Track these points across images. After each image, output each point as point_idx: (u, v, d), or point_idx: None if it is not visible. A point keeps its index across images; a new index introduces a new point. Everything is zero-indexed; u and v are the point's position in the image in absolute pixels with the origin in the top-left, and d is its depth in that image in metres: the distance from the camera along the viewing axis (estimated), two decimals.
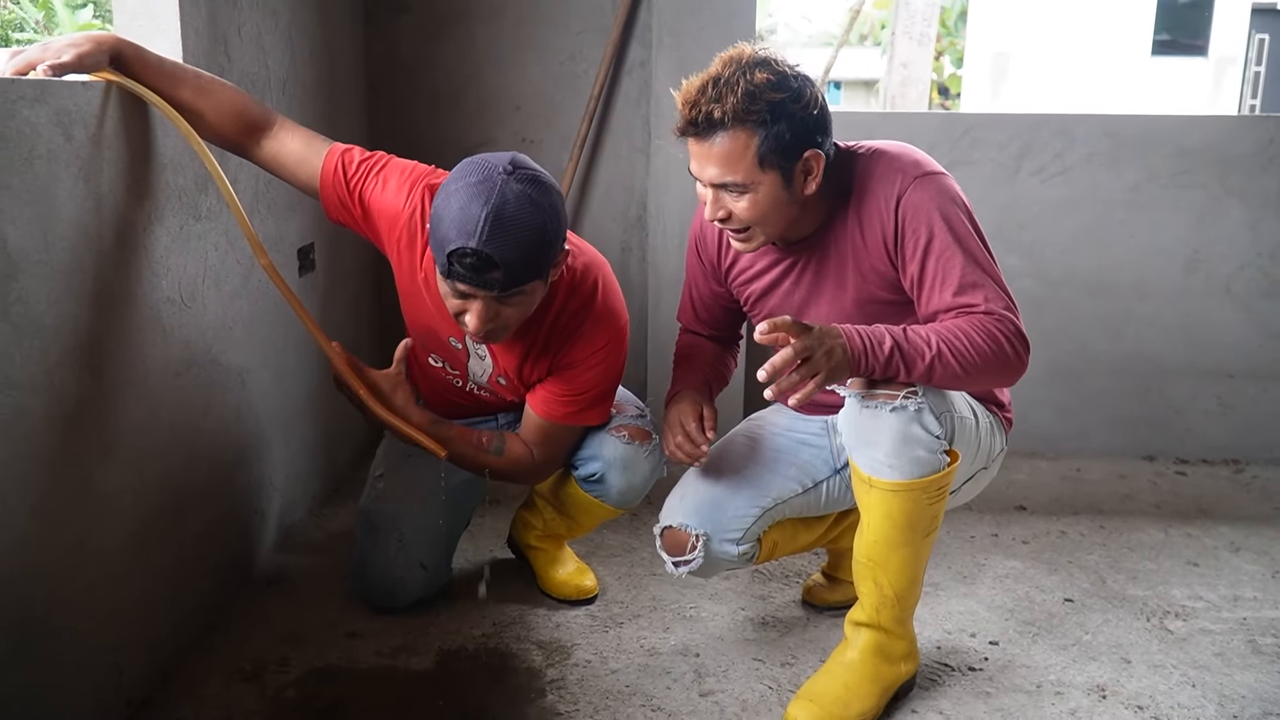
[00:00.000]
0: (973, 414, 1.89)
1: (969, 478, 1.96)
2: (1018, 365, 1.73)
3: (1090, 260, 3.21)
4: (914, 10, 10.16)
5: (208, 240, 2.07)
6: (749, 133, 1.69)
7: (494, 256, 1.68)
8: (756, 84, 1.67)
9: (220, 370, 2.17)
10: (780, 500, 1.95)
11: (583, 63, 3.16)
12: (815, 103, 1.73)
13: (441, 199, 1.74)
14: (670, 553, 1.96)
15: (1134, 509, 2.90)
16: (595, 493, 2.16)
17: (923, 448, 1.73)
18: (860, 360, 1.66)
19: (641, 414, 2.17)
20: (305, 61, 2.61)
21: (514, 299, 1.78)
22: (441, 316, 1.98)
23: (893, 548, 1.81)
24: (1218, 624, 2.24)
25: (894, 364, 1.68)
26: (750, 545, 1.95)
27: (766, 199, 1.74)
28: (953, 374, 1.69)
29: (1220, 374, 3.25)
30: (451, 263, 1.71)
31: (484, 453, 2.05)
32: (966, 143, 3.13)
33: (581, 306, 1.98)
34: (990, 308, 1.72)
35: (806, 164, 1.74)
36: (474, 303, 1.77)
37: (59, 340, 1.59)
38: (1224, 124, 3.18)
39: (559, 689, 1.97)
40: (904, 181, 1.77)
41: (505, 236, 1.69)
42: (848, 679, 1.88)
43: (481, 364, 2.09)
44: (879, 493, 1.76)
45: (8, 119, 1.46)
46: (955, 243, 1.74)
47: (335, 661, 2.04)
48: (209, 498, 2.13)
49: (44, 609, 1.57)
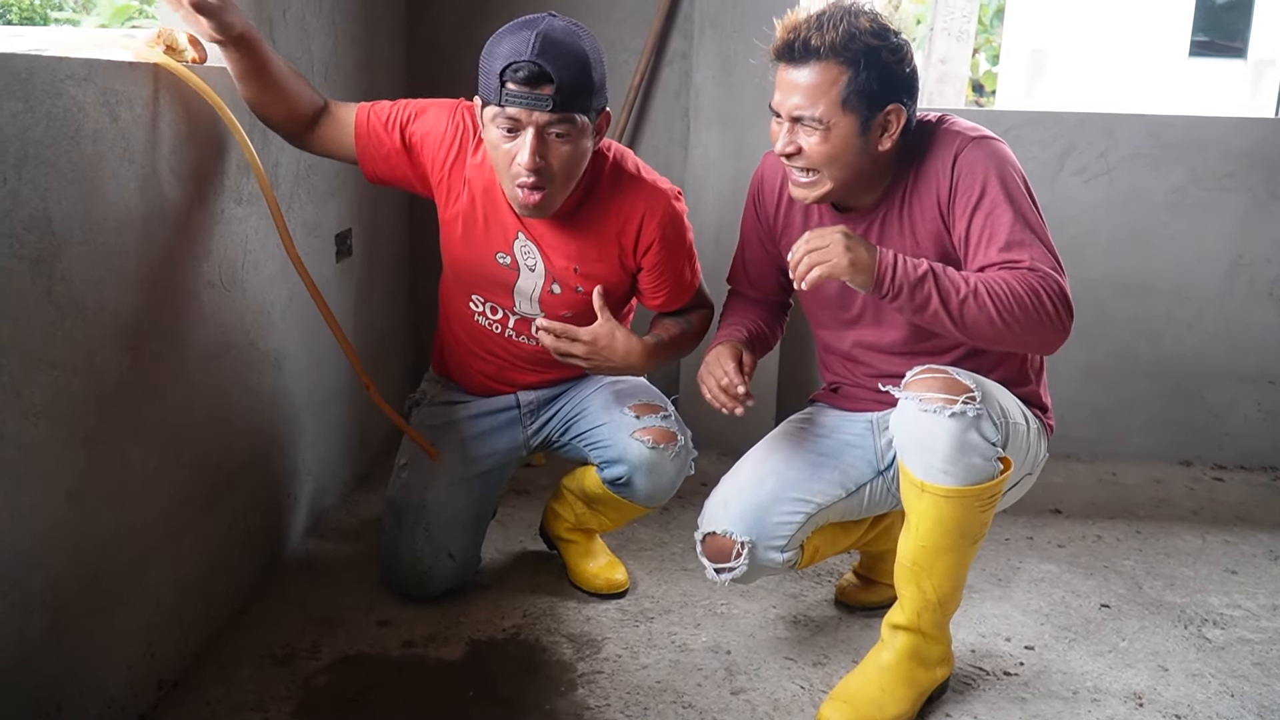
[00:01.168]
0: (1024, 420, 1.86)
1: (1015, 483, 1.93)
2: (1058, 326, 1.70)
3: (1131, 262, 3.17)
4: (953, 6, 10.03)
5: (248, 224, 2.07)
6: (840, 69, 1.72)
7: (547, 68, 1.75)
8: (860, 26, 1.71)
9: (257, 354, 2.17)
10: (823, 505, 1.92)
11: (623, 53, 3.15)
12: (909, 62, 1.77)
13: (491, 40, 1.83)
14: (712, 559, 1.93)
15: (1171, 514, 2.86)
16: (622, 494, 2.15)
17: (979, 455, 1.70)
18: (886, 272, 1.66)
19: (667, 414, 2.14)
20: (347, 45, 2.60)
21: (563, 133, 1.81)
22: (491, 231, 2.02)
23: (940, 553, 1.78)
24: (1257, 633, 2.20)
25: (925, 288, 1.66)
26: (794, 552, 1.92)
27: (839, 141, 1.75)
28: (988, 318, 1.67)
29: (1261, 379, 3.21)
30: (504, 82, 1.77)
31: (686, 341, 2.15)
32: (1008, 140, 3.05)
33: (628, 184, 2.02)
34: (1036, 265, 1.70)
35: (886, 118, 1.76)
36: (525, 134, 1.80)
37: (100, 322, 1.59)
38: (1271, 127, 3.14)
39: (589, 683, 1.96)
40: (961, 142, 1.80)
41: (556, 52, 1.77)
42: (882, 681, 1.86)
43: (532, 276, 2.06)
44: (931, 498, 1.74)
45: (55, 97, 1.45)
46: (1007, 201, 1.74)
47: (365, 649, 2.04)
48: (243, 481, 2.14)
49: (79, 588, 1.58)
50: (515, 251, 2.05)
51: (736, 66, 3.00)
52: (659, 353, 2.07)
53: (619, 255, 2.05)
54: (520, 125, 1.81)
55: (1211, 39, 16.12)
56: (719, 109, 3.06)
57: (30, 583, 1.46)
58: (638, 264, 2.07)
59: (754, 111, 3.02)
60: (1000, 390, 1.82)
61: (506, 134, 1.82)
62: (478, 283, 2.12)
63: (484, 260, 2.07)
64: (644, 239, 2.03)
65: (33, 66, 1.41)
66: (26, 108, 1.39)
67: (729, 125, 3.06)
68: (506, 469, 2.29)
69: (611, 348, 2.00)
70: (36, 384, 1.44)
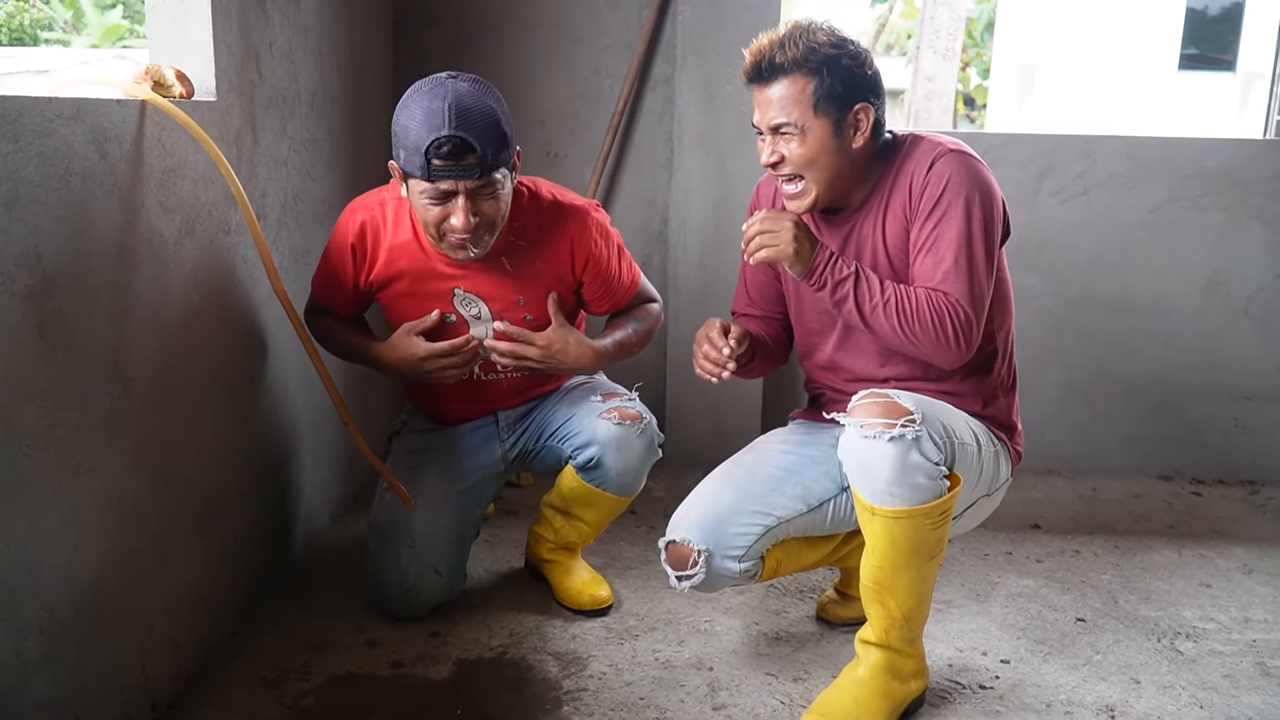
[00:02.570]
0: (975, 441, 1.91)
1: (970, 504, 1.98)
2: (950, 350, 1.85)
3: (1109, 280, 3.22)
4: (939, 25, 10.14)
5: (236, 254, 2.12)
6: (805, 78, 1.86)
7: (468, 139, 1.87)
8: (817, 40, 1.86)
9: (246, 381, 2.22)
10: (783, 519, 1.97)
11: (607, 78, 3.20)
12: (869, 65, 1.91)
13: (401, 114, 1.94)
14: (674, 567, 1.98)
15: (1148, 529, 2.91)
16: (595, 480, 2.22)
17: (922, 474, 1.75)
18: (819, 265, 1.86)
19: (631, 398, 2.27)
20: (334, 76, 2.66)
21: (488, 189, 1.95)
22: (428, 298, 2.15)
23: (898, 571, 1.83)
24: (1228, 646, 2.25)
25: (845, 289, 1.85)
26: (753, 563, 1.97)
27: (816, 143, 1.88)
28: (891, 327, 1.85)
29: (1238, 395, 3.26)
30: (429, 158, 1.88)
31: (635, 338, 2.28)
32: (988, 161, 3.11)
33: (548, 209, 2.16)
34: (956, 300, 1.84)
35: (856, 117, 1.89)
36: (456, 201, 1.94)
37: (91, 353, 1.63)
38: (1245, 147, 3.19)
39: (575, 700, 2.00)
40: (941, 150, 1.91)
41: (471, 120, 1.89)
42: (859, 695, 1.90)
43: (480, 323, 2.18)
44: (881, 520, 1.79)
45: (45, 137, 1.50)
46: (962, 217, 1.85)
47: (355, 670, 2.08)
48: (234, 506, 2.18)
49: (73, 614, 1.61)
50: (457, 307, 2.17)
51: (718, 91, 3.06)
52: (608, 353, 2.22)
53: (558, 277, 2.19)
54: (450, 194, 1.94)
55: (1201, 52, 16.22)
56: (701, 133, 3.12)
57: (26, 609, 1.49)
58: (579, 278, 2.21)
59: (736, 135, 3.08)
60: (947, 410, 1.88)
61: (435, 202, 1.95)
62: None
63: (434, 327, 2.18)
64: (578, 257, 2.18)
65: (22, 107, 1.45)
66: (17, 148, 1.43)
67: (711, 149, 3.12)
68: (487, 484, 2.35)
69: (564, 351, 2.16)
70: (29, 416, 1.48)
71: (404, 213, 2.14)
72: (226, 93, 2.06)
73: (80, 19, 14.35)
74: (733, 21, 3.03)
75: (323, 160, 2.60)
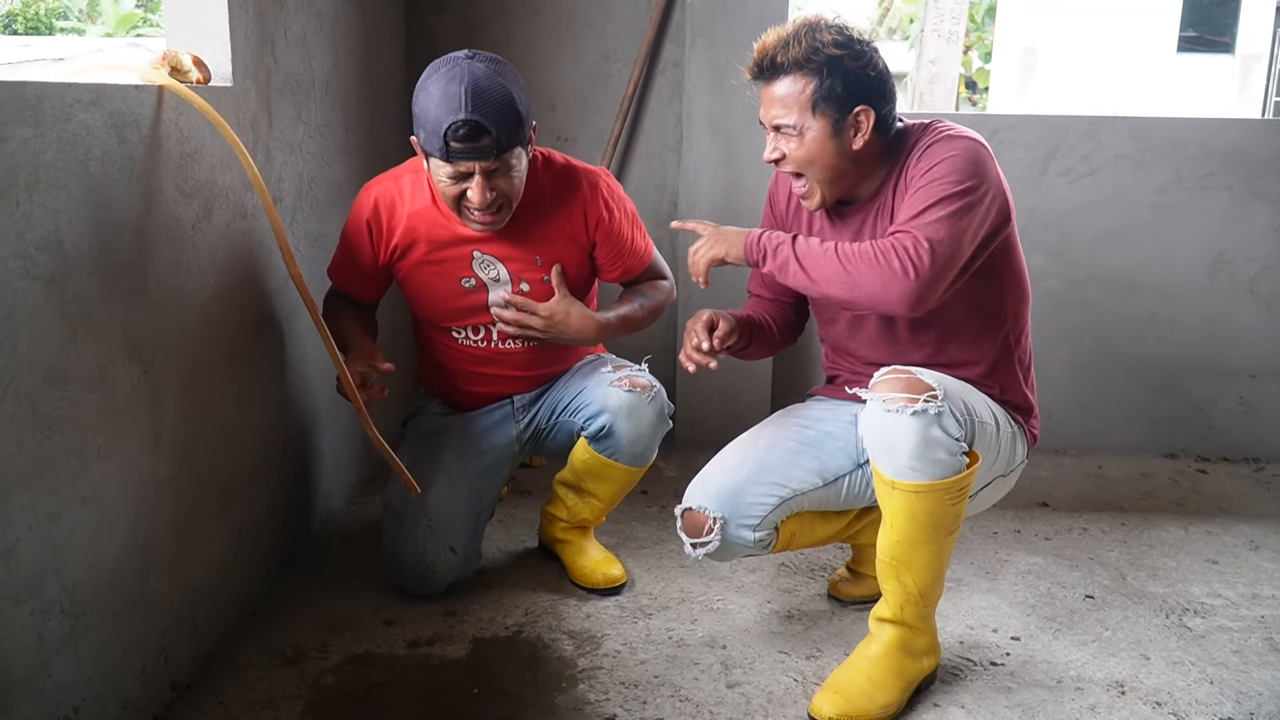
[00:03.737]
0: (994, 419, 1.93)
1: (986, 484, 2.00)
2: (899, 279, 1.78)
3: (1115, 260, 3.24)
4: (943, 8, 10.12)
5: (252, 238, 2.13)
6: (806, 79, 1.87)
7: (483, 122, 1.92)
8: (821, 40, 1.86)
9: (265, 362, 2.24)
10: (799, 491, 1.99)
11: (617, 62, 3.21)
12: (874, 66, 1.90)
13: (420, 95, 1.99)
14: (689, 534, 2.01)
15: (1155, 506, 2.93)
16: (607, 450, 2.25)
17: (944, 450, 1.77)
18: (750, 243, 1.92)
19: (641, 369, 2.31)
20: (347, 61, 2.67)
21: (504, 168, 2.01)
22: (448, 263, 2.20)
23: (915, 547, 1.85)
24: (1236, 621, 2.27)
25: (783, 253, 1.88)
26: (767, 533, 1.99)
27: (814, 144, 1.89)
28: (833, 269, 1.83)
29: (1242, 374, 3.27)
30: (448, 140, 1.94)
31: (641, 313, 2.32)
32: (995, 144, 3.12)
33: (561, 173, 2.23)
34: (911, 235, 1.80)
35: (856, 118, 1.89)
36: (472, 179, 2.00)
37: (111, 336, 1.65)
38: (1250, 127, 3.20)
39: (589, 678, 2.02)
40: (943, 135, 1.91)
41: (487, 102, 1.93)
42: (871, 672, 1.92)
43: (499, 285, 2.22)
44: (901, 494, 1.81)
45: (65, 122, 1.51)
46: (948, 183, 1.83)
47: (372, 648, 2.11)
48: (252, 487, 2.20)
49: (95, 595, 1.64)
50: (476, 270, 2.21)
51: (727, 75, 3.07)
52: (611, 325, 2.26)
53: (572, 236, 2.23)
54: (467, 174, 2.00)
55: (1200, 34, 16.19)
56: (710, 116, 3.12)
57: (48, 590, 1.51)
58: (591, 239, 2.25)
59: (744, 119, 3.08)
60: (967, 389, 1.91)
61: (454, 180, 2.01)
62: (453, 315, 2.27)
63: (452, 292, 2.23)
64: (591, 215, 2.23)
65: (42, 93, 1.47)
66: (37, 133, 1.45)
67: (720, 132, 3.13)
68: (502, 465, 2.37)
69: (566, 321, 2.20)
70: (51, 398, 1.50)
71: (422, 183, 2.18)
72: (243, 78, 2.07)
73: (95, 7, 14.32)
74: (741, 5, 3.04)
75: (337, 145, 2.62)
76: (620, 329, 2.28)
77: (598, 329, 2.23)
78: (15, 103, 1.41)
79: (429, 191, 2.17)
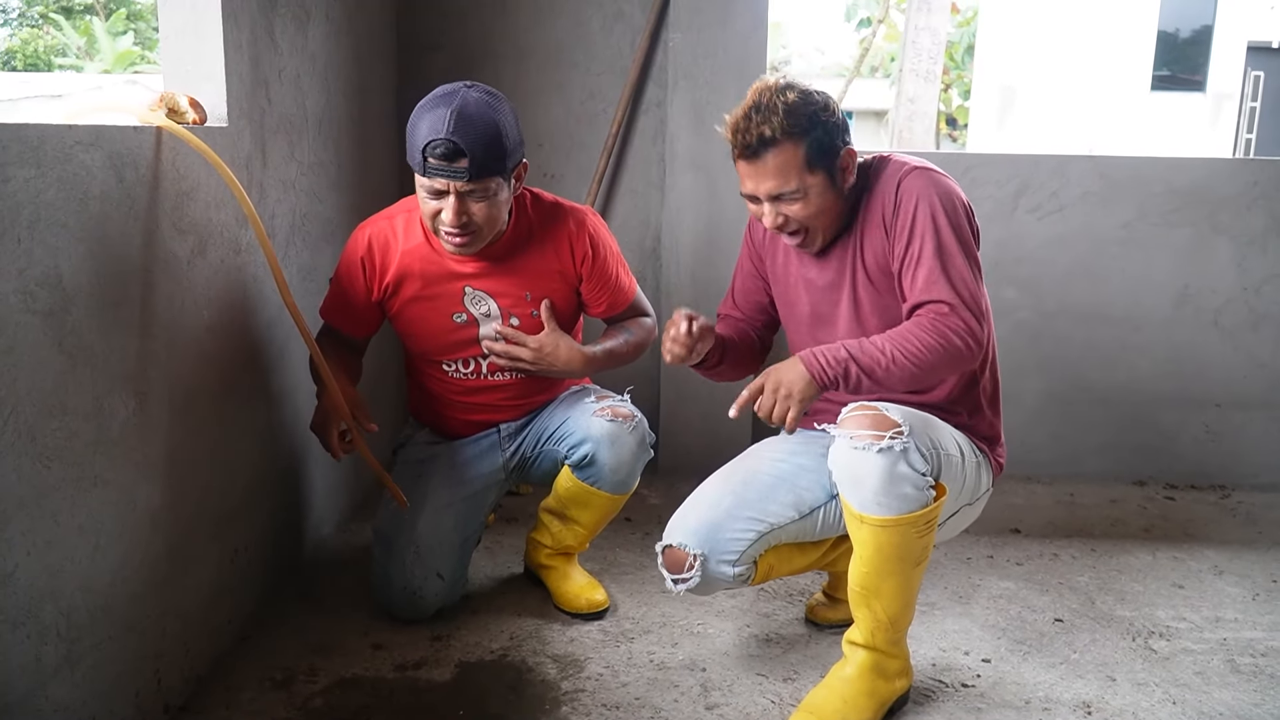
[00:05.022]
0: (959, 450, 2.00)
1: (953, 513, 2.06)
2: (966, 354, 1.89)
3: (1084, 293, 3.33)
4: (921, 49, 10.35)
5: (246, 272, 2.20)
6: (795, 143, 1.92)
7: (461, 145, 2.00)
8: (791, 102, 1.91)
9: (257, 393, 2.30)
10: (776, 525, 2.05)
11: (602, 102, 3.31)
12: (836, 110, 1.98)
13: (414, 115, 2.07)
14: (670, 570, 2.05)
15: (1124, 532, 3.00)
16: (589, 478, 2.31)
17: (910, 484, 1.83)
18: (820, 375, 1.87)
19: (624, 399, 2.38)
20: (340, 101, 2.75)
21: (479, 194, 2.07)
22: (440, 298, 2.27)
23: (884, 577, 1.91)
24: (1199, 644, 2.34)
25: (853, 373, 1.87)
26: (746, 568, 2.04)
27: (818, 198, 1.96)
28: (909, 374, 1.87)
29: (1208, 403, 3.37)
30: (426, 157, 2.03)
31: (626, 348, 2.39)
32: (967, 181, 3.25)
33: (549, 211, 2.31)
34: (947, 305, 1.89)
35: (844, 160, 1.97)
36: (447, 199, 2.06)
37: (108, 369, 1.70)
38: (1212, 166, 3.31)
39: (572, 701, 2.07)
40: (906, 169, 1.99)
41: (469, 128, 2.01)
42: (846, 694, 1.98)
43: (490, 320, 2.30)
44: (869, 528, 1.87)
45: (65, 162, 1.56)
46: (933, 230, 1.92)
47: (361, 672, 2.15)
48: (244, 513, 2.25)
49: (90, 620, 1.68)
50: (467, 306, 2.28)
51: (708, 115, 3.17)
52: (598, 359, 2.33)
53: (560, 272, 2.30)
54: (442, 192, 2.07)
55: (1173, 73, 16.49)
56: (693, 154, 3.22)
57: (44, 615, 1.55)
58: (578, 274, 2.32)
59: (725, 158, 3.14)
60: (933, 421, 1.97)
61: (431, 196, 2.08)
62: (445, 350, 2.34)
63: (444, 327, 2.30)
64: (578, 250, 2.31)
65: (43, 135, 1.52)
66: (38, 173, 1.50)
67: (702, 170, 3.22)
68: (488, 492, 2.43)
69: (555, 354, 2.28)
70: (49, 429, 1.54)
71: (414, 222, 2.25)
72: (237, 118, 2.14)
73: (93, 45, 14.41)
74: (722, 48, 3.14)
75: (329, 182, 2.69)
76: (606, 362, 2.35)
77: (585, 362, 2.30)
78: (18, 144, 1.46)
79: (421, 230, 2.24)
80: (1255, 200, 3.24)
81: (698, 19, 3.15)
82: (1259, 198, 3.23)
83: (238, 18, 2.13)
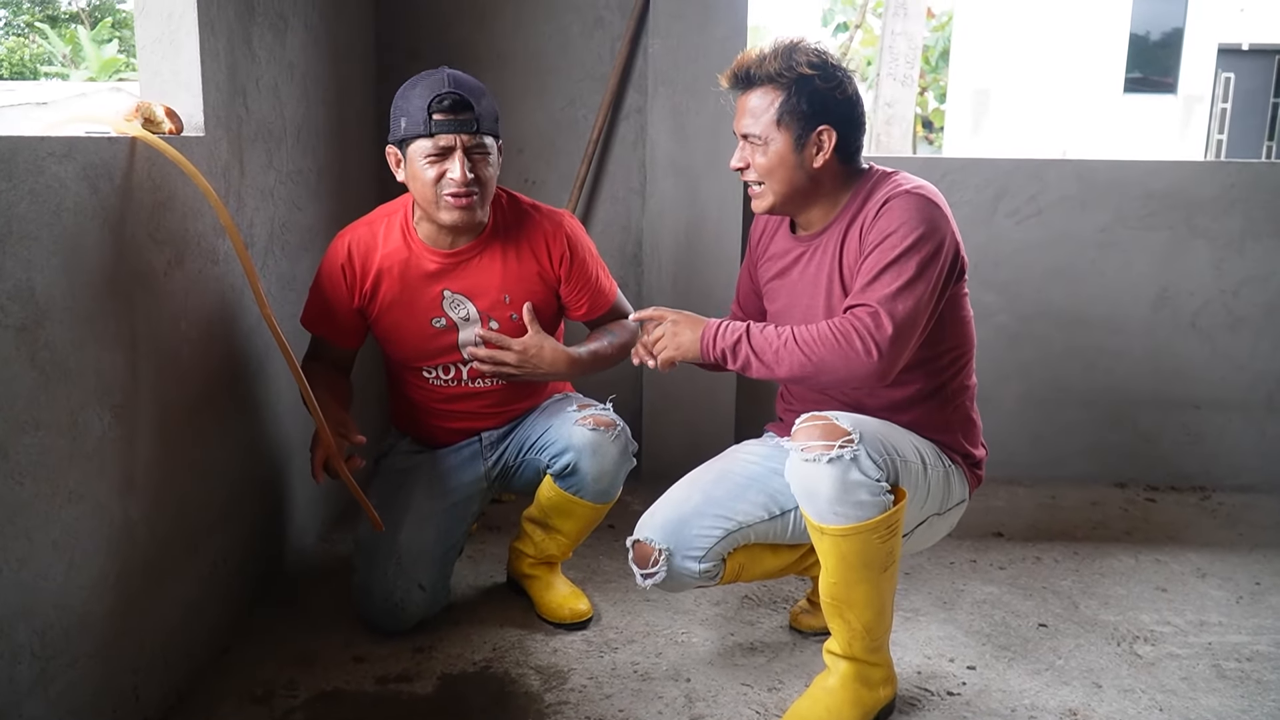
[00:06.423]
0: (919, 459, 1.98)
1: (920, 522, 2.04)
2: (862, 358, 1.83)
3: (1063, 297, 3.34)
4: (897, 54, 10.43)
5: (224, 283, 2.17)
6: (775, 92, 1.95)
7: (466, 97, 2.07)
8: (796, 60, 1.94)
9: (236, 403, 2.27)
10: (745, 524, 2.04)
11: (582, 108, 3.30)
12: (843, 91, 1.97)
13: (401, 94, 2.12)
14: (638, 565, 2.06)
15: (1106, 535, 3.01)
16: (571, 487, 2.30)
17: (865, 491, 1.82)
18: (709, 348, 1.95)
19: (606, 408, 2.36)
20: (319, 110, 2.72)
21: (482, 150, 2.11)
22: (419, 302, 2.26)
23: (852, 586, 1.91)
24: (1184, 649, 2.34)
25: (742, 350, 1.92)
26: (712, 564, 2.03)
27: (775, 156, 1.97)
28: (798, 360, 1.87)
29: (1187, 404, 3.38)
30: (431, 113, 2.06)
31: (610, 350, 2.38)
32: (945, 185, 3.25)
33: (527, 213, 2.32)
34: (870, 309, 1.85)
35: (819, 137, 1.96)
36: (454, 156, 2.08)
37: (82, 382, 1.67)
38: (1188, 169, 3.33)
39: (556, 713, 2.05)
40: (901, 189, 1.96)
41: (468, 86, 2.10)
42: (830, 703, 1.97)
43: (469, 324, 2.29)
44: (830, 539, 1.86)
45: (37, 175, 1.54)
46: (900, 250, 1.87)
47: (341, 685, 2.13)
48: (223, 526, 2.23)
49: (65, 637, 1.65)
50: (446, 310, 2.27)
51: (688, 121, 3.16)
52: (583, 360, 2.32)
53: (539, 273, 2.30)
54: (449, 150, 2.08)
55: (1144, 76, 16.65)
56: (673, 160, 3.21)
57: (18, 634, 1.53)
58: (557, 275, 2.32)
59: (706, 162, 3.17)
60: (891, 429, 1.96)
61: (435, 160, 2.09)
62: (424, 356, 2.32)
63: (424, 333, 2.29)
64: (555, 252, 2.31)
65: (15, 147, 1.50)
66: (10, 186, 1.47)
67: (683, 175, 3.21)
68: (471, 502, 2.41)
69: (540, 356, 2.26)
70: (22, 445, 1.52)
71: (394, 226, 2.25)
72: (214, 128, 2.12)
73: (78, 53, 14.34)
74: (702, 54, 3.13)
75: (308, 190, 2.67)
76: (592, 364, 2.34)
77: (570, 363, 2.29)
78: None
79: (401, 232, 2.24)
80: (1232, 203, 3.26)
81: (677, 25, 3.14)
82: (1236, 200, 3.26)
83: (215, 27, 2.10)
